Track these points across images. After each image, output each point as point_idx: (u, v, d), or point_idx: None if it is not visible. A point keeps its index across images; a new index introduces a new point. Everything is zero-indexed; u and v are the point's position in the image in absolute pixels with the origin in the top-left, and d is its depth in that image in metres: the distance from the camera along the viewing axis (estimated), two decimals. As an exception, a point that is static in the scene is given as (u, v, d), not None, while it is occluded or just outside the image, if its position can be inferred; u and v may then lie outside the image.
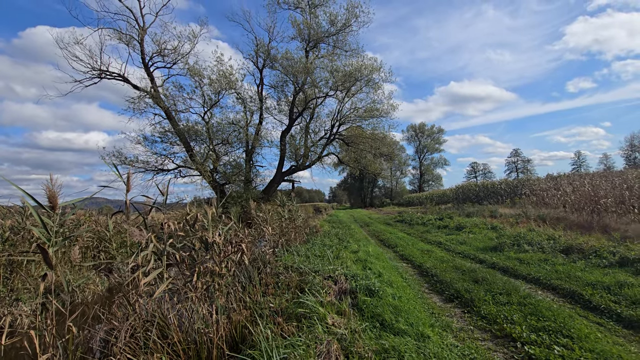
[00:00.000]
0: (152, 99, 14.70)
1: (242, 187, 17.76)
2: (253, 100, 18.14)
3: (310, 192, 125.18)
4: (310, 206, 52.74)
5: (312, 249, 7.87)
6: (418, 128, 65.29)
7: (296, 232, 9.98)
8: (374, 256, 7.97)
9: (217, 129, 15.35)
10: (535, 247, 7.37)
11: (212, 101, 15.32)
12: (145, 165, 14.55)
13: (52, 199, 1.97)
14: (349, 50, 18.50)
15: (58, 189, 2.01)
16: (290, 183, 20.91)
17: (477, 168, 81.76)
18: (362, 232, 15.66)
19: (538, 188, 20.48)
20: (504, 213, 17.41)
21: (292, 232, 8.79)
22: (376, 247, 10.37)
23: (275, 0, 17.63)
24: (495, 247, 8.15)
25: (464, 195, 32.01)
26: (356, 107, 18.74)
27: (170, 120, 15.18)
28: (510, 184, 27.09)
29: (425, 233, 13.08)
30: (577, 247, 6.90)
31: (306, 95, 17.53)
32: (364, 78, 17.28)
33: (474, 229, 11.66)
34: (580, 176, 20.78)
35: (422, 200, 43.19)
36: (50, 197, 1.96)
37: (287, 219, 10.23)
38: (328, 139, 19.35)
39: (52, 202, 1.98)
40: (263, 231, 6.95)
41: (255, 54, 17.86)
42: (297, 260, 5.64)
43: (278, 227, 8.36)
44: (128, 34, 13.93)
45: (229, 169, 17.28)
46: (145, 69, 15.00)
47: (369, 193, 64.74)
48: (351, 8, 17.28)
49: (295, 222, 10.52)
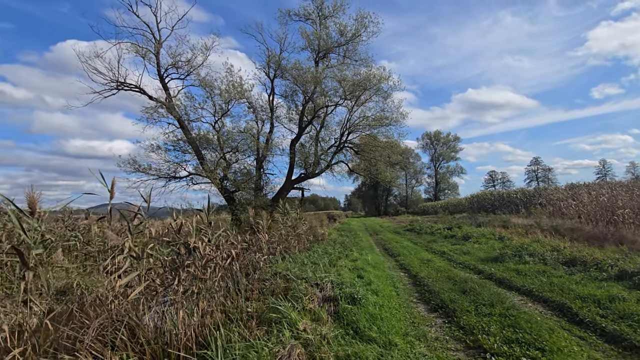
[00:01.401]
0: (166, 109, 15.29)
1: (252, 194, 18.08)
2: (264, 109, 18.55)
3: (326, 200, 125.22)
4: (324, 214, 52.82)
5: (310, 256, 7.97)
6: (433, 136, 64.52)
7: (298, 239, 10.12)
8: (371, 265, 7.99)
9: (228, 138, 15.77)
10: (536, 259, 7.20)
11: (223, 110, 15.78)
12: (158, 173, 15.08)
13: (32, 205, 2.19)
14: (359, 59, 18.69)
15: (38, 196, 2.23)
16: (300, 191, 21.10)
17: (495, 177, 79.81)
18: (369, 241, 15.62)
19: (555, 198, 19.86)
20: (517, 223, 16.96)
21: (293, 240, 8.92)
22: (378, 255, 10.35)
23: (286, 13, 18.14)
24: (496, 257, 8.00)
25: (478, 205, 31.31)
26: (365, 115, 18.83)
27: (183, 129, 15.73)
28: (527, 193, 26.34)
29: (431, 242, 12.93)
30: (581, 259, 6.70)
31: (315, 104, 17.79)
32: (373, 87, 17.39)
33: (481, 239, 11.44)
34: (600, 185, 20.01)
35: (437, 209, 42.51)
36: (30, 203, 2.18)
37: (290, 227, 10.39)
38: (337, 147, 19.49)
39: (32, 207, 2.20)
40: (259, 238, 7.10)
41: (267, 64, 18.31)
42: (289, 268, 5.75)
43: (278, 235, 8.50)
44: (144, 47, 14.62)
45: (239, 177, 17.66)
46: (160, 80, 15.67)
47: (384, 201, 64.23)
48: (360, 18, 17.52)
49: (298, 229, 10.67)
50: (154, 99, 15.34)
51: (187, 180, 16.99)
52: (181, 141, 15.89)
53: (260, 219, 9.11)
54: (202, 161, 15.83)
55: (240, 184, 17.09)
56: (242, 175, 18.11)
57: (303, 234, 10.63)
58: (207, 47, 15.23)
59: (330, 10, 18.11)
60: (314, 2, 17.82)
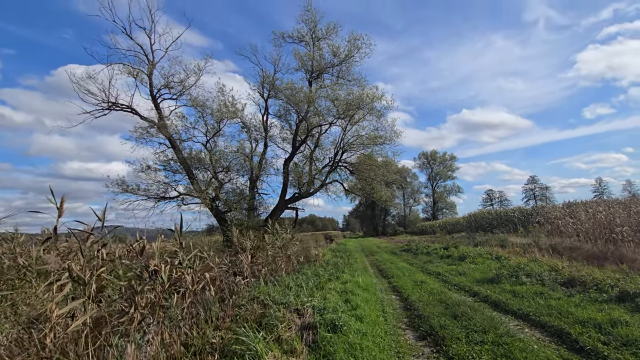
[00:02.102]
0: (158, 129, 15.22)
1: (244, 215, 17.74)
2: (258, 129, 18.52)
3: (324, 221, 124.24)
4: (322, 235, 52.13)
5: (297, 279, 7.59)
6: (430, 155, 64.84)
7: (288, 261, 9.72)
8: (362, 287, 7.60)
9: (220, 157, 15.59)
10: (534, 279, 6.85)
11: (215, 130, 15.71)
12: (147, 193, 14.78)
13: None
14: (352, 79, 18.83)
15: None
16: (294, 211, 20.74)
17: (492, 196, 79.68)
18: (364, 262, 15.17)
19: (553, 216, 19.59)
20: (514, 242, 16.61)
21: (281, 262, 8.53)
22: (371, 277, 9.94)
23: (280, 35, 18.41)
24: (492, 278, 7.63)
25: (476, 224, 30.92)
26: (359, 134, 18.82)
27: (174, 149, 15.58)
28: (525, 211, 26.05)
29: (427, 263, 12.52)
30: (580, 279, 6.37)
31: (308, 124, 17.78)
32: (366, 106, 17.43)
33: (477, 259, 11.07)
34: (597, 203, 19.80)
35: (435, 228, 42.03)
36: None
37: (279, 248, 10.01)
38: (332, 166, 19.35)
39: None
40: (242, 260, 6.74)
41: (261, 84, 18.43)
42: (270, 292, 5.39)
43: (264, 256, 8.13)
44: (137, 68, 14.70)
45: (231, 197, 17.37)
46: (152, 101, 15.67)
47: (381, 221, 63.62)
48: (353, 40, 17.77)
49: (288, 250, 10.29)
50: (145, 119, 15.27)
51: (178, 201, 16.65)
52: (172, 161, 15.70)
53: (247, 239, 8.77)
54: (193, 181, 15.59)
55: (232, 204, 16.77)
56: (234, 196, 17.83)
57: (293, 255, 10.24)
58: (199, 68, 15.36)
59: (324, 33, 18.40)
60: (307, 25, 18.12)
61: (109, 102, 14.47)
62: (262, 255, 8.23)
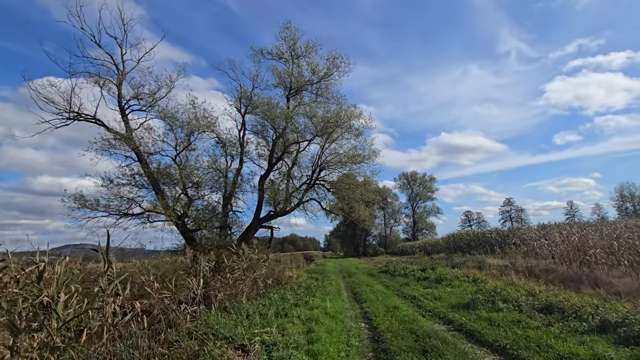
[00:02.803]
0: (124, 141, 14.40)
1: (216, 234, 16.84)
2: (233, 144, 17.95)
3: (305, 240, 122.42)
4: (301, 255, 50.99)
5: (259, 305, 6.87)
6: (410, 176, 65.56)
7: (254, 284, 8.96)
8: (330, 315, 6.95)
9: (190, 172, 14.78)
10: (511, 305, 6.43)
11: (185, 144, 15.00)
12: (108, 209, 13.74)
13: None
14: (331, 97, 18.69)
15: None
16: (270, 230, 19.92)
17: (471, 217, 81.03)
18: (340, 284, 14.49)
19: (528, 237, 19.67)
20: (492, 264, 16.39)
21: (243, 285, 7.78)
22: (343, 302, 9.28)
23: (259, 51, 18.16)
24: (468, 304, 7.17)
25: (455, 245, 30.87)
26: (337, 152, 18.52)
27: (141, 163, 14.71)
28: (501, 233, 26.20)
29: (404, 286, 11.98)
30: (557, 305, 5.99)
31: (285, 140, 17.37)
32: (344, 124, 17.23)
33: (454, 282, 10.64)
34: (570, 225, 20.07)
35: (415, 249, 41.81)
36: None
37: (244, 270, 9.26)
38: (309, 184, 18.87)
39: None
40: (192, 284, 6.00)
41: (239, 100, 18.00)
42: (218, 322, 4.69)
43: (222, 280, 7.38)
44: (104, 77, 13.99)
45: (202, 215, 16.48)
46: (120, 112, 14.88)
47: (362, 241, 62.93)
48: (332, 58, 17.74)
49: (255, 272, 9.54)
50: (111, 130, 14.42)
51: (143, 219, 15.58)
52: (137, 175, 14.78)
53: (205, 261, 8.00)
54: (159, 196, 14.67)
55: (202, 222, 15.85)
56: (206, 213, 16.96)
57: (260, 277, 9.49)
58: (171, 80, 14.79)
59: (303, 50, 18.30)
60: (286, 43, 18.01)
61: (70, 112, 13.60)
62: (220, 279, 7.47)
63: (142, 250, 14.46)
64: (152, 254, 15.10)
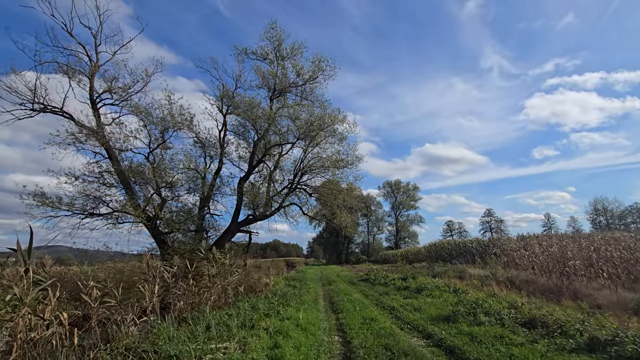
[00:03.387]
0: (94, 136, 13.54)
1: (189, 237, 16.02)
2: (213, 145, 17.27)
3: (288, 247, 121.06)
4: (283, 261, 49.98)
5: (224, 316, 6.27)
6: (394, 185, 65.89)
7: (223, 292, 8.32)
8: (302, 327, 6.41)
9: (163, 171, 13.96)
10: (493, 318, 6.07)
11: (159, 141, 14.22)
12: (71, 208, 12.77)
13: None
14: (316, 101, 18.31)
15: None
16: (248, 234, 19.19)
17: (452, 227, 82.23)
18: (318, 292, 13.93)
19: (508, 248, 19.70)
20: (473, 274, 16.24)
21: (207, 293, 7.13)
22: (319, 312, 8.74)
23: (243, 51, 17.62)
24: (449, 316, 6.78)
25: (437, 254, 30.85)
26: (320, 156, 18.10)
27: (111, 160, 13.84)
28: (482, 243, 26.30)
29: (383, 295, 11.55)
30: (541, 319, 5.67)
31: (266, 142, 16.83)
32: (328, 128, 16.86)
33: (434, 292, 10.29)
34: (549, 237, 20.25)
35: (397, 257, 41.69)
36: None
37: (213, 276, 8.61)
38: (290, 188, 18.34)
39: None
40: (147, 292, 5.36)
41: (220, 99, 17.38)
42: (169, 336, 4.10)
43: (185, 287, 6.74)
44: (74, 69, 13.15)
45: (176, 217, 15.65)
46: (92, 106, 14.02)
47: (345, 249, 62.54)
48: (317, 62, 17.40)
49: (226, 280, 8.89)
50: (80, 124, 13.54)
51: (112, 219, 14.61)
52: (106, 173, 13.89)
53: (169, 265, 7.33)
54: (129, 196, 13.82)
55: (175, 224, 15.03)
56: (181, 215, 16.14)
57: (231, 285, 8.85)
58: (147, 74, 14.06)
59: (288, 52, 17.89)
60: (271, 43, 17.56)
61: (35, 103, 12.68)
62: (184, 286, 6.82)
63: (107, 253, 13.51)
64: (120, 257, 14.18)
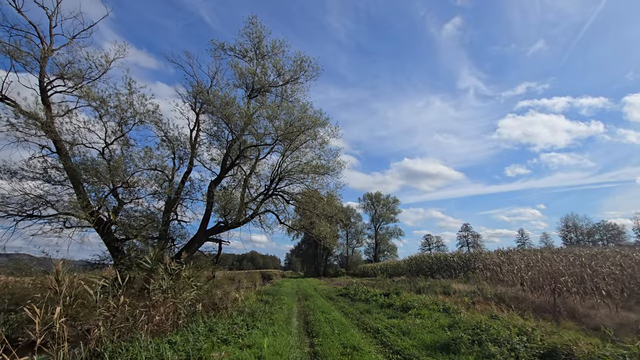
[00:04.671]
0: (43, 128, 11.79)
1: (148, 244, 14.25)
2: (183, 144, 15.74)
3: (265, 258, 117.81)
4: (259, 273, 47.76)
5: (163, 345, 4.81)
6: (374, 197, 65.31)
7: (173, 311, 6.79)
8: (265, 359, 5.04)
9: (118, 167, 12.23)
10: (505, 349, 4.94)
11: (116, 134, 12.56)
12: (4, 208, 10.86)
13: None
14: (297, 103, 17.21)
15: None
16: (218, 244, 17.49)
17: (431, 240, 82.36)
18: (292, 308, 12.46)
19: (491, 262, 18.99)
20: (458, 289, 15.28)
21: (144, 315, 5.60)
22: (289, 336, 7.35)
23: (220, 46, 16.32)
24: (447, 344, 5.59)
25: (417, 267, 29.95)
26: (300, 161, 16.88)
27: (60, 155, 12.07)
28: (463, 257, 25.63)
29: (365, 313, 10.27)
30: (565, 351, 4.59)
31: (241, 142, 15.46)
32: (308, 130, 15.71)
33: (423, 311, 9.12)
34: (532, 252, 19.71)
35: (377, 271, 40.60)
36: None
37: (165, 292, 7.08)
38: (266, 194, 16.94)
39: None
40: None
41: (194, 97, 15.97)
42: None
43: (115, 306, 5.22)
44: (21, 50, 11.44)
45: (134, 221, 13.88)
46: (41, 93, 12.27)
47: (324, 261, 60.86)
48: (299, 61, 16.39)
49: (177, 297, 7.36)
50: (25, 113, 11.75)
51: (58, 222, 12.67)
52: (52, 169, 12.08)
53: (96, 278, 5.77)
54: (79, 195, 12.04)
55: (132, 230, 13.27)
56: (141, 219, 14.40)
57: (184, 302, 7.32)
58: (108, 59, 12.48)
59: (269, 50, 16.74)
60: (251, 40, 16.39)
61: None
62: (113, 305, 5.29)
63: (47, 260, 11.56)
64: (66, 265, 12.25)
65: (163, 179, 14.62)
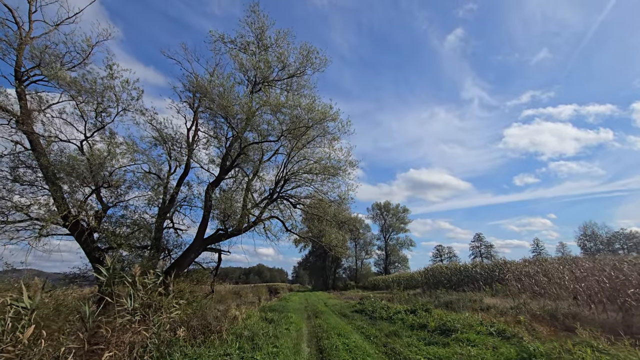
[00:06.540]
0: (16, 122, 10.32)
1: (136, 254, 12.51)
2: (179, 143, 14.18)
3: (272, 271, 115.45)
4: (265, 287, 45.40)
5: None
6: (383, 207, 63.09)
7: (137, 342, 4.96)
8: None
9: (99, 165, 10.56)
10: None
11: (96, 126, 10.95)
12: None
13: None
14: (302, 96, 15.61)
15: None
16: (217, 254, 15.63)
17: (442, 251, 79.47)
18: (302, 330, 10.48)
19: (522, 273, 16.82)
20: (492, 304, 13.16)
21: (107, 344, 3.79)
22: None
23: (219, 38, 14.80)
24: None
25: (434, 279, 27.61)
26: (308, 161, 15.14)
27: (35, 151, 10.50)
28: (486, 267, 23.34)
29: (392, 337, 8.27)
30: None
31: (242, 140, 13.78)
32: (317, 126, 13.99)
33: (469, 334, 7.11)
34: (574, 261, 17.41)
35: (389, 283, 38.22)
36: None
37: (131, 313, 5.27)
38: (270, 198, 15.18)
39: None
40: None
41: (193, 93, 14.46)
42: None
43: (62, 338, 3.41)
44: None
45: (119, 228, 12.18)
46: (17, 83, 10.81)
47: (332, 274, 58.37)
48: (306, 52, 14.82)
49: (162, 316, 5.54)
50: None
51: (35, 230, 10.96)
52: (25, 167, 10.49)
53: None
54: (55, 198, 10.41)
55: (117, 238, 11.52)
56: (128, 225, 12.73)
57: (165, 324, 5.49)
58: (90, 44, 11.00)
59: (272, 42, 15.24)
60: (253, 31, 14.88)
61: None
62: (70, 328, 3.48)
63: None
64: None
65: (155, 182, 13.01)
